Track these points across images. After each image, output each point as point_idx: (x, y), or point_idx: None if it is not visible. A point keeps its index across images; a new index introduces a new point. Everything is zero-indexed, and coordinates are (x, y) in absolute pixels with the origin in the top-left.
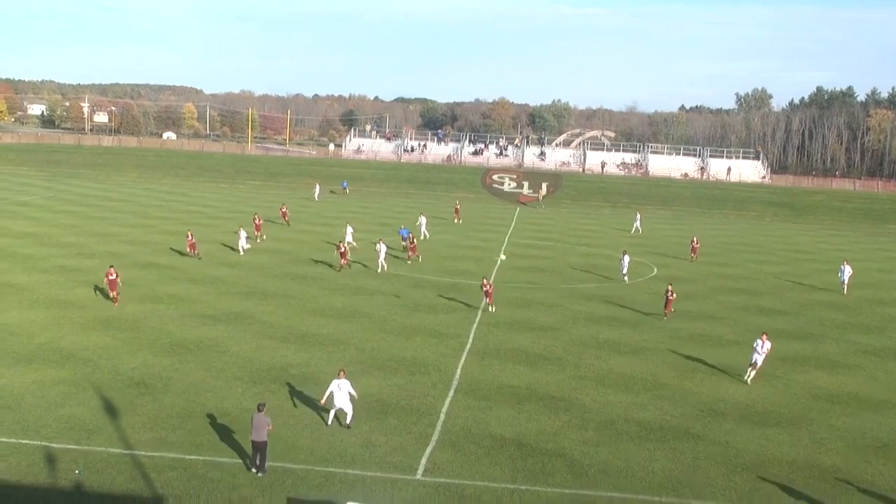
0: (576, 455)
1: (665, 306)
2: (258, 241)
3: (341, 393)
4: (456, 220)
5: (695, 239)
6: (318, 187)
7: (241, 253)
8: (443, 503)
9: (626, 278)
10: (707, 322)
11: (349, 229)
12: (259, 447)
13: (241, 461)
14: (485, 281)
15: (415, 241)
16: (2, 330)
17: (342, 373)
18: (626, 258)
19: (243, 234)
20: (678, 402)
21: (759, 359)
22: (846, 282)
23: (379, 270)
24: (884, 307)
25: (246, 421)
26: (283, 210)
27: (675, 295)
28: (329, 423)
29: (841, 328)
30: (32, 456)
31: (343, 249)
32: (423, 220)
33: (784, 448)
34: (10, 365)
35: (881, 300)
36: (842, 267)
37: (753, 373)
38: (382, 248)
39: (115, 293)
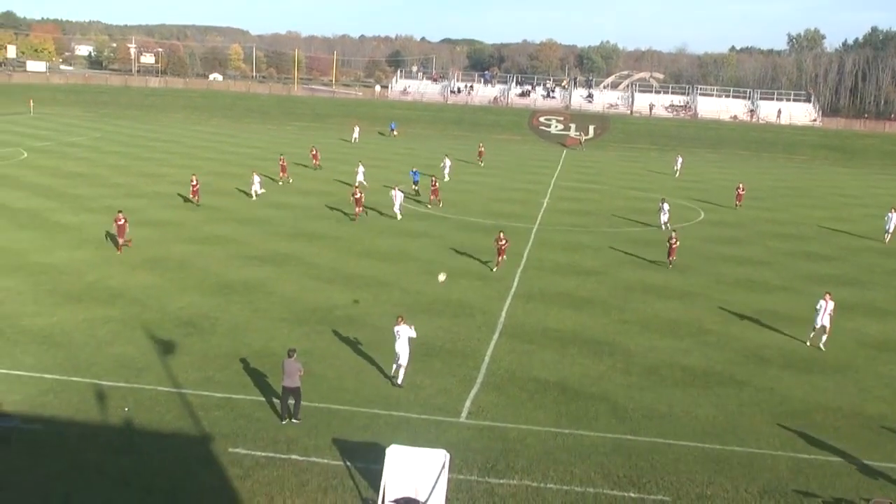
0: (619, 400)
1: (668, 254)
2: (283, 182)
3: (400, 341)
4: (480, 163)
5: (740, 185)
6: (357, 129)
7: (254, 197)
8: (486, 446)
9: (664, 227)
10: (753, 267)
11: (360, 169)
12: (293, 393)
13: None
14: (501, 235)
15: (437, 183)
16: (52, 269)
17: (400, 319)
18: (666, 206)
19: (256, 179)
20: (723, 347)
21: (825, 321)
22: (891, 231)
23: (399, 218)
24: None
25: None
26: (314, 153)
27: (678, 242)
28: (392, 375)
29: (890, 275)
30: (83, 393)
31: (358, 195)
32: (447, 162)
33: (829, 395)
34: (61, 303)
35: None
36: (889, 215)
37: (825, 337)
38: (399, 195)
39: (122, 240)
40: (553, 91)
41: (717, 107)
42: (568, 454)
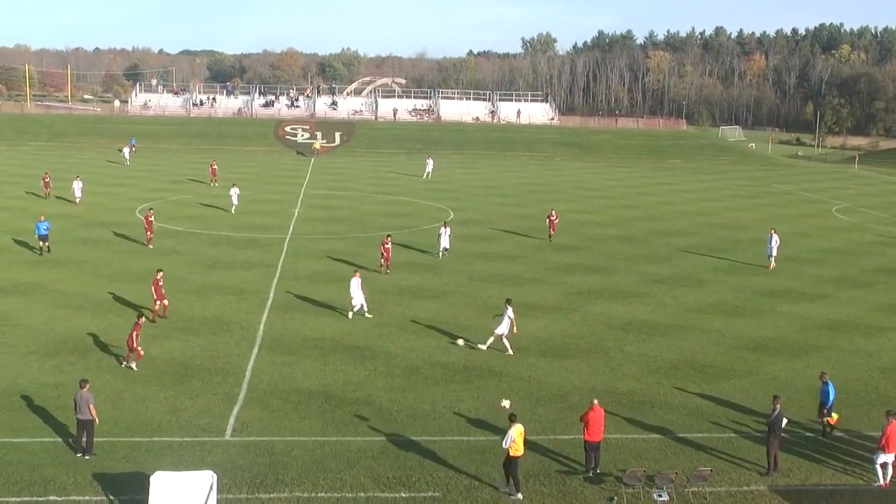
0: (383, 402)
1: (384, 261)
2: None
3: None
4: (213, 183)
5: (553, 213)
6: (126, 148)
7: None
8: (254, 462)
9: (441, 253)
10: (505, 262)
11: (78, 184)
12: (85, 426)
13: (41, 440)
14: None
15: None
16: None
17: None
18: (447, 231)
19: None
20: (480, 341)
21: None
22: (774, 254)
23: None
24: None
25: (47, 397)
26: (46, 179)
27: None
28: None
29: (631, 260)
30: None
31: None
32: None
33: (583, 377)
34: None
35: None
36: (770, 236)
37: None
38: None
39: None
40: (297, 100)
41: (459, 109)
42: (336, 461)
